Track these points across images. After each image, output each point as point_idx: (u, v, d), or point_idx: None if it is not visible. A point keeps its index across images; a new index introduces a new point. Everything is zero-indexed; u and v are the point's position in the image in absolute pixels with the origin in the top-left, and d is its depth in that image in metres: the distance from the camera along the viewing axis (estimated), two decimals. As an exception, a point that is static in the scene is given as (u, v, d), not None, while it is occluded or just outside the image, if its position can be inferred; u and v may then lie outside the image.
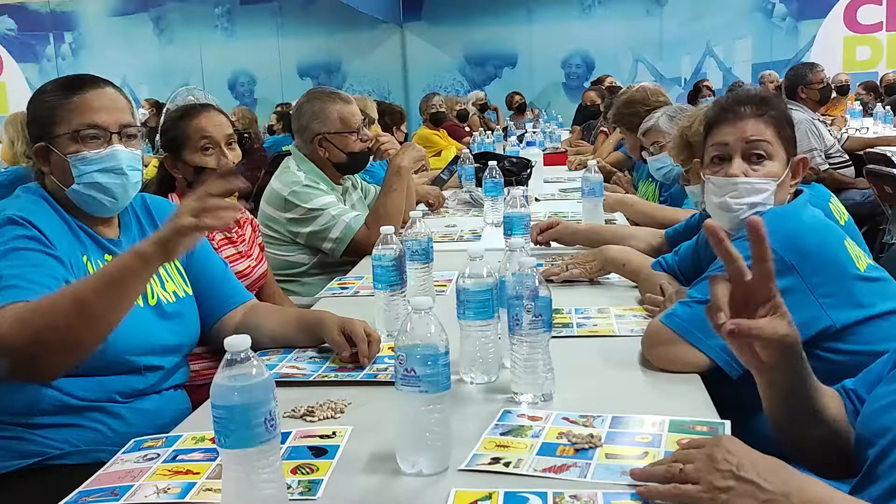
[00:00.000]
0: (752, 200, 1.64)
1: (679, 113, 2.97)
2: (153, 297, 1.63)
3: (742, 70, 11.12)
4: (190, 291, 1.73)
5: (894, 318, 1.57)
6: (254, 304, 1.83)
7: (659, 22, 11.42)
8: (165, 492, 1.12)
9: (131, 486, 1.14)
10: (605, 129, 5.37)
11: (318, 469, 1.17)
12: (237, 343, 0.98)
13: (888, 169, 4.28)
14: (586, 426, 1.26)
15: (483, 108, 9.62)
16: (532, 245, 2.43)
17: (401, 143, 3.86)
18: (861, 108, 7.29)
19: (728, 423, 1.25)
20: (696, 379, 1.47)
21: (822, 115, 7.12)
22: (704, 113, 1.96)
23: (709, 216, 1.83)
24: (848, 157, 5.15)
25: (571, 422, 1.28)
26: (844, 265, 1.56)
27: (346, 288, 2.30)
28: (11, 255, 1.42)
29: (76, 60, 12.17)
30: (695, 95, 8.98)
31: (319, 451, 1.22)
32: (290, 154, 2.88)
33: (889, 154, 4.99)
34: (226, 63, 11.93)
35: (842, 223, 1.81)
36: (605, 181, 3.06)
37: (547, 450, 1.19)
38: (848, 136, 5.86)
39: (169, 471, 1.18)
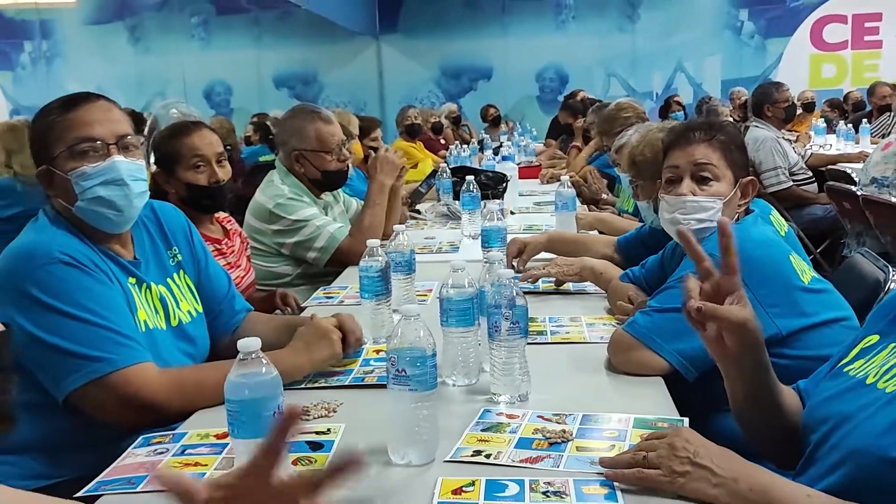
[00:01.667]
0: (699, 217, 1.80)
1: (646, 132, 3.12)
2: (175, 318, 1.70)
3: (712, 86, 11.39)
4: (200, 309, 1.81)
5: (837, 326, 1.72)
6: (248, 313, 1.94)
7: (631, 38, 11.64)
8: (178, 481, 1.23)
9: (146, 476, 1.25)
10: (578, 144, 5.52)
11: (316, 461, 1.28)
12: (249, 344, 1.10)
13: (846, 186, 4.47)
14: (559, 423, 1.39)
15: (456, 120, 9.76)
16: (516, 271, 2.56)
17: (374, 150, 3.98)
18: (825, 125, 7.52)
19: (686, 419, 1.38)
20: (659, 382, 1.60)
21: (789, 130, 7.38)
22: (660, 138, 2.12)
23: (654, 229, 2.02)
24: (811, 174, 5.35)
25: (545, 419, 1.41)
26: (789, 277, 1.72)
27: (332, 297, 2.41)
28: (87, 300, 1.49)
29: (51, 69, 12.16)
30: (665, 110, 9.22)
31: (316, 446, 1.34)
32: (272, 166, 2.99)
33: (849, 171, 5.20)
34: (202, 73, 11.96)
35: (782, 234, 1.95)
36: (577, 193, 3.21)
37: (524, 444, 1.32)
38: (811, 153, 6.08)
39: (179, 463, 1.29)
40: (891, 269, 2.20)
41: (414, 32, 11.73)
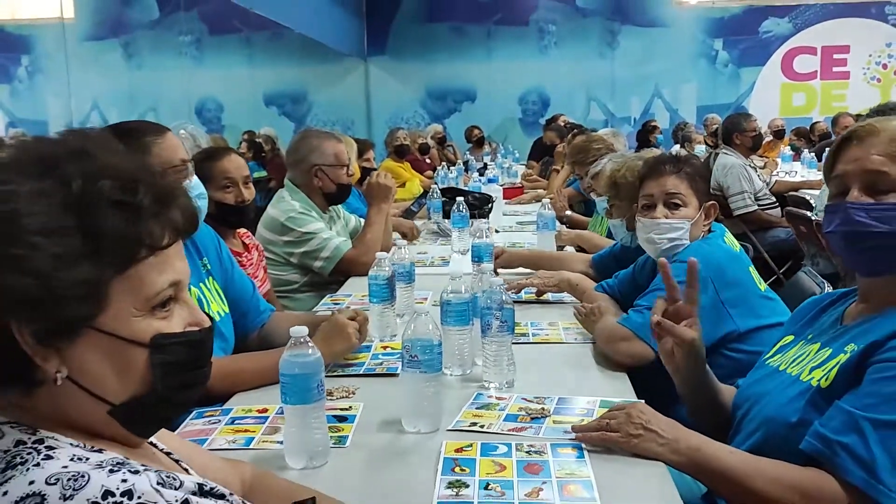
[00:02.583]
0: (671, 236, 2.14)
1: (620, 159, 3.47)
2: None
3: (687, 112, 11.81)
4: (227, 310, 2.11)
5: (781, 329, 2.06)
6: (272, 313, 2.25)
7: (611, 64, 12.04)
8: (234, 443, 1.53)
9: (206, 439, 1.55)
10: (558, 167, 5.86)
11: (343, 430, 1.58)
12: (299, 331, 1.40)
13: (803, 211, 4.82)
14: (539, 403, 1.70)
15: (441, 141, 10.08)
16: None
17: (370, 170, 4.29)
18: (792, 152, 7.92)
19: (642, 401, 1.69)
20: (623, 375, 1.92)
21: (760, 156, 7.79)
22: (637, 167, 2.47)
23: (625, 247, 2.52)
24: (775, 199, 5.71)
25: (528, 401, 1.72)
26: (750, 285, 2.10)
27: (338, 303, 2.71)
28: None
29: (48, 83, 12.40)
30: (644, 135, 9.62)
31: (342, 419, 1.64)
32: (265, 182, 3.28)
33: (808, 198, 5.56)
34: (195, 90, 12.24)
35: (737, 250, 2.29)
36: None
37: (510, 418, 1.63)
38: (776, 180, 6.46)
39: (231, 430, 1.59)
40: (826, 284, 2.54)
41: (401, 55, 12.06)
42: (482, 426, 1.59)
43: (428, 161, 8.49)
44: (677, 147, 8.75)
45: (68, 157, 0.84)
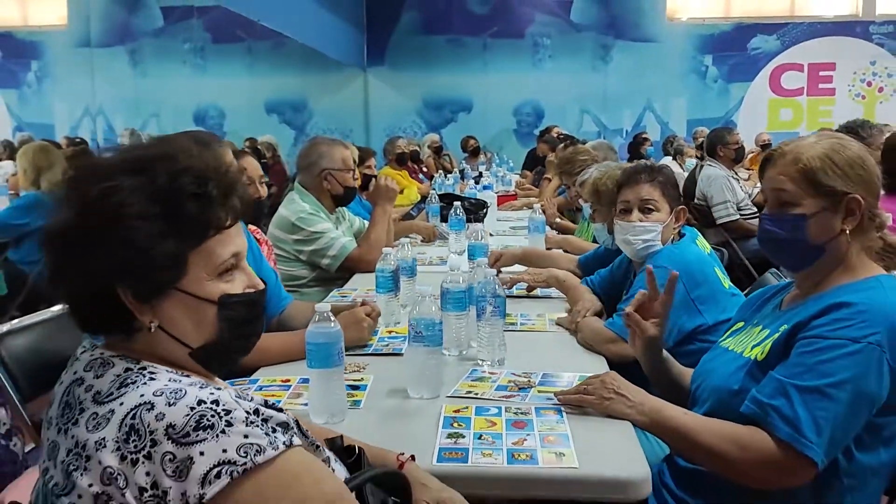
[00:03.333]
0: (645, 237, 2.41)
1: (604, 168, 3.74)
2: None
3: (678, 125, 12.14)
4: None
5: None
6: (291, 302, 2.51)
7: (603, 77, 12.35)
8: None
9: (240, 401, 1.80)
10: (549, 177, 6.14)
11: (357, 395, 1.84)
12: (323, 307, 1.66)
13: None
14: (525, 377, 1.96)
15: (438, 150, 10.35)
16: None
17: (371, 177, 4.56)
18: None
19: (614, 372, 1.95)
20: (600, 357, 2.18)
21: (747, 169, 8.08)
22: (617, 176, 2.74)
23: (609, 250, 2.75)
24: (756, 210, 5.98)
25: (516, 375, 1.97)
26: (716, 283, 2.36)
27: (346, 297, 2.96)
28: None
29: (55, 88, 12.66)
30: (636, 147, 9.91)
31: (355, 387, 1.89)
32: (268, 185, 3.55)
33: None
34: (197, 97, 12.50)
35: (707, 252, 2.56)
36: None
37: (501, 388, 1.88)
38: (759, 191, 6.74)
39: (260, 395, 1.84)
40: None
41: (400, 66, 12.34)
42: (477, 394, 1.85)
43: (425, 169, 8.76)
44: (668, 159, 9.04)
45: (157, 159, 1.10)
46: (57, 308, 2.47)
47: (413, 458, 1.38)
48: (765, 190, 1.67)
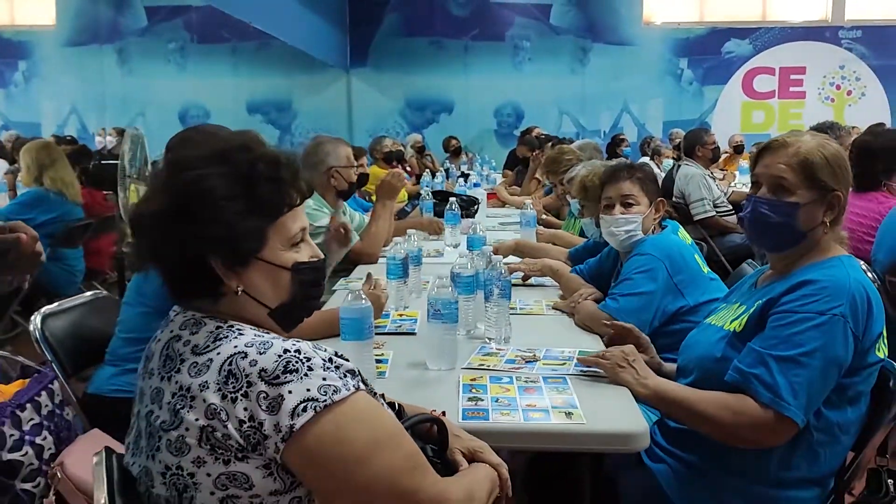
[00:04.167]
0: (626, 228, 2.64)
1: (590, 167, 3.97)
2: None
3: (654, 126, 12.42)
4: None
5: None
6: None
7: (582, 79, 12.61)
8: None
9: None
10: (539, 177, 6.36)
11: (380, 367, 2.04)
12: (356, 286, 1.86)
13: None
14: (530, 352, 2.17)
15: (421, 150, 10.53)
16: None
17: (363, 175, 4.74)
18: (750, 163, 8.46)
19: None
20: (595, 335, 2.40)
21: (721, 169, 8.36)
22: (600, 171, 2.97)
23: (597, 242, 2.98)
24: (732, 207, 6.24)
25: (521, 351, 2.19)
26: (696, 268, 2.59)
27: (354, 285, 3.15)
28: None
29: (43, 87, 12.69)
30: (614, 147, 10.18)
31: (378, 360, 2.09)
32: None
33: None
34: (181, 97, 12.57)
35: (688, 243, 2.78)
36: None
37: (509, 361, 2.09)
38: (734, 190, 7.01)
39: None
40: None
41: (382, 67, 12.51)
42: (488, 366, 2.06)
43: (409, 169, 8.94)
44: (646, 160, 9.31)
45: (236, 149, 1.30)
46: (89, 293, 2.66)
47: (444, 413, 1.59)
48: (760, 175, 1.86)
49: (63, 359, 2.31)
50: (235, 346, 1.20)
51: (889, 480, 1.82)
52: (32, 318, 2.31)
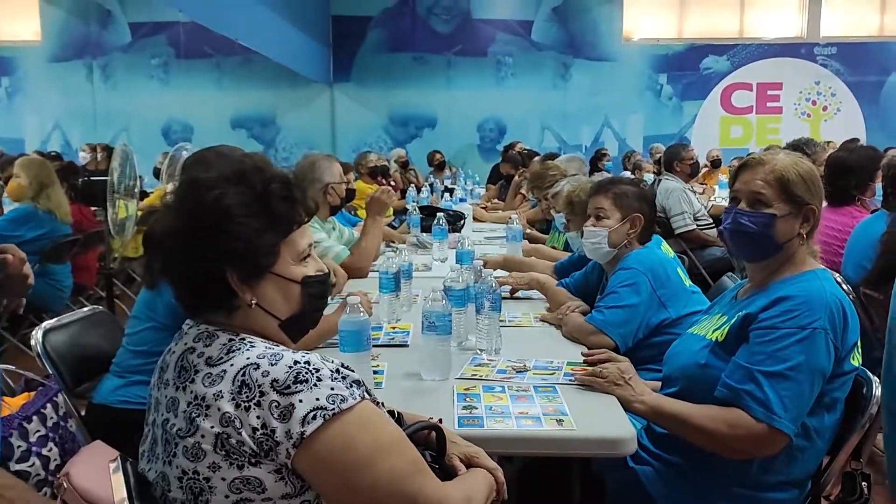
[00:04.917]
0: (593, 240, 2.75)
1: (576, 182, 4.06)
2: None
3: (635, 141, 12.58)
4: None
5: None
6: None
7: (563, 94, 12.72)
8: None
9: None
10: (524, 192, 6.46)
11: (377, 378, 2.11)
12: (354, 299, 1.93)
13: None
14: (520, 363, 2.25)
15: (404, 164, 10.59)
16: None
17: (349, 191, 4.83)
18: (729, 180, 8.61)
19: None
20: (583, 347, 2.48)
21: (701, 183, 8.50)
22: (586, 186, 3.07)
23: (583, 256, 3.06)
24: (712, 221, 6.36)
25: (512, 361, 2.27)
26: (678, 282, 2.68)
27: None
28: None
29: (26, 103, 12.64)
30: (595, 161, 10.33)
31: (374, 371, 2.16)
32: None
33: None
34: (165, 112, 12.53)
35: (671, 256, 2.87)
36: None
37: (501, 371, 2.17)
38: (713, 204, 7.15)
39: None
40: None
41: (365, 82, 12.56)
42: (481, 376, 2.13)
43: (393, 183, 9.01)
44: (627, 174, 9.45)
45: (252, 171, 1.38)
46: (87, 308, 2.71)
47: (441, 421, 1.66)
48: (739, 191, 1.96)
49: (64, 373, 2.36)
50: (248, 358, 1.26)
51: (863, 483, 1.91)
52: (34, 332, 2.37)
